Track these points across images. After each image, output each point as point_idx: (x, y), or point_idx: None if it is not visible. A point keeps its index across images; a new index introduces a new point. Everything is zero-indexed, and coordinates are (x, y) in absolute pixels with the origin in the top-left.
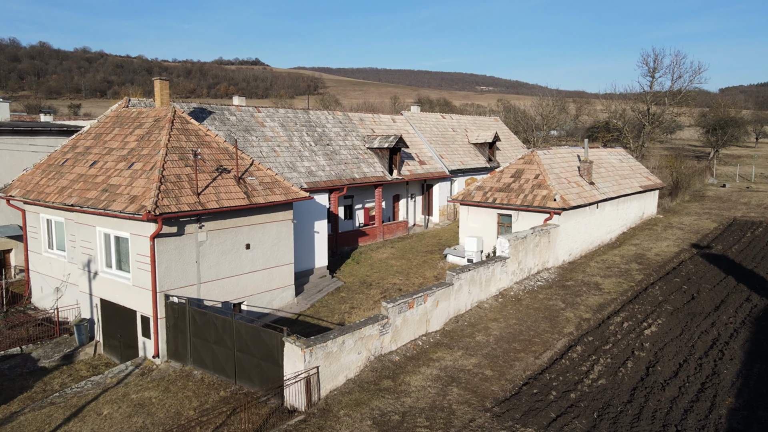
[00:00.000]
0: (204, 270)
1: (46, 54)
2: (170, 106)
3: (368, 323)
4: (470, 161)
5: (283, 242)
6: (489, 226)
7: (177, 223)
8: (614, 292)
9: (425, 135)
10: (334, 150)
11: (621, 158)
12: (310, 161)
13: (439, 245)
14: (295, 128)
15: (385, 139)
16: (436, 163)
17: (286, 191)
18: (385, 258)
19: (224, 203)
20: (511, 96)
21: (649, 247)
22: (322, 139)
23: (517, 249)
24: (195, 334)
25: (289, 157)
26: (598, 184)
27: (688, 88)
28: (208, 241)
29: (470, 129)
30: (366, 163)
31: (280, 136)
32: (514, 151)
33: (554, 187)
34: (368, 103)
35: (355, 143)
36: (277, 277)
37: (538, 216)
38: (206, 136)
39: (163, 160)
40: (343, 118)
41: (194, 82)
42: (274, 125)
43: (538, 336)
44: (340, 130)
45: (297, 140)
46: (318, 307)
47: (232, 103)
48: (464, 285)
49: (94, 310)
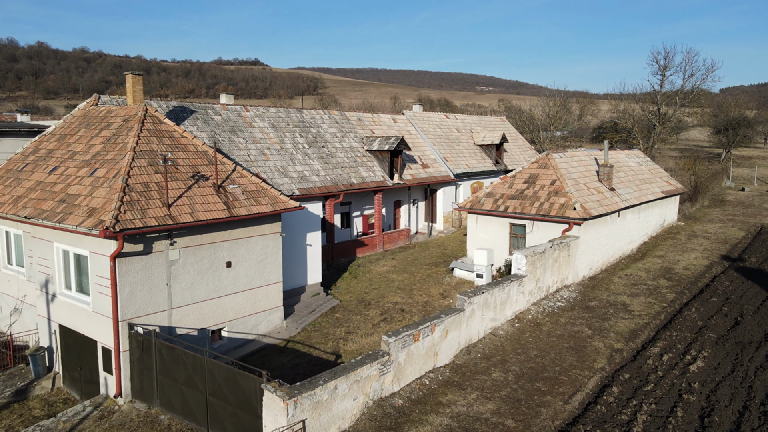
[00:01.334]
0: (176, 293)
1: (44, 54)
2: (143, 104)
3: (366, 362)
4: (476, 164)
5: (270, 258)
6: (500, 237)
7: (143, 240)
8: (645, 315)
9: (428, 136)
10: (329, 153)
11: (639, 161)
12: (304, 165)
13: (444, 256)
14: (288, 129)
15: (386, 140)
16: (440, 166)
17: (274, 201)
18: (385, 271)
19: (200, 216)
20: (512, 96)
21: (675, 260)
22: (317, 140)
23: (534, 266)
24: (162, 372)
25: (280, 161)
26: (618, 190)
27: (700, 87)
28: (181, 260)
29: (475, 130)
30: (365, 166)
31: (271, 137)
32: (522, 153)
33: (573, 194)
34: (368, 103)
35: (352, 145)
36: (263, 298)
37: (556, 227)
38: (182, 138)
39: (129, 167)
40: (340, 117)
41: (193, 82)
42: (264, 126)
43: (565, 372)
44: (337, 131)
45: (289, 142)
46: (310, 331)
47: (218, 102)
48: (477, 310)
49: (52, 337)
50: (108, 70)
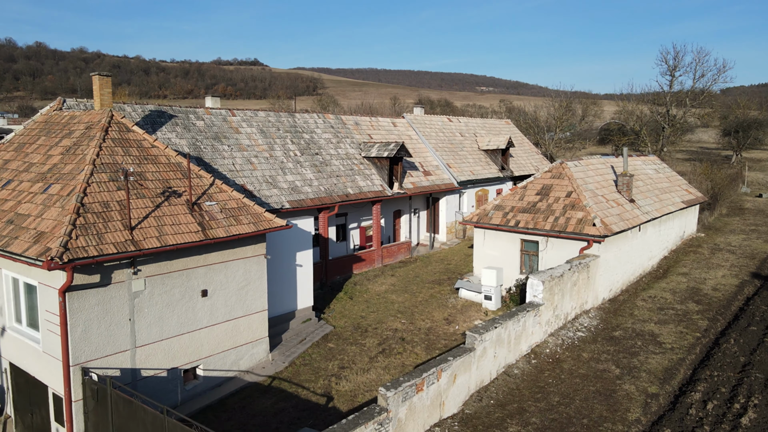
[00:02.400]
0: (142, 329)
1: (43, 54)
2: (111, 108)
3: (360, 423)
4: (481, 170)
5: (253, 285)
6: (510, 254)
7: (100, 269)
8: (679, 348)
9: (430, 141)
10: (324, 160)
11: (656, 168)
12: (295, 174)
13: (447, 272)
14: (278, 134)
15: (385, 146)
16: (443, 173)
17: (257, 219)
18: (384, 291)
19: (169, 239)
20: (513, 96)
21: (702, 278)
22: (310, 147)
23: (552, 291)
24: (120, 428)
25: (268, 170)
26: (638, 201)
27: (712, 87)
28: (147, 291)
29: (480, 133)
30: (362, 175)
31: (259, 144)
32: (528, 157)
33: (591, 207)
34: (367, 104)
35: (349, 151)
36: (246, 329)
37: (573, 244)
38: (153, 148)
39: (86, 182)
40: (336, 122)
41: (192, 82)
42: (252, 131)
43: (595, 427)
44: (332, 137)
45: (279, 149)
46: (299, 365)
47: (204, 105)
48: (489, 348)
49: (3, 376)
50: (106, 70)
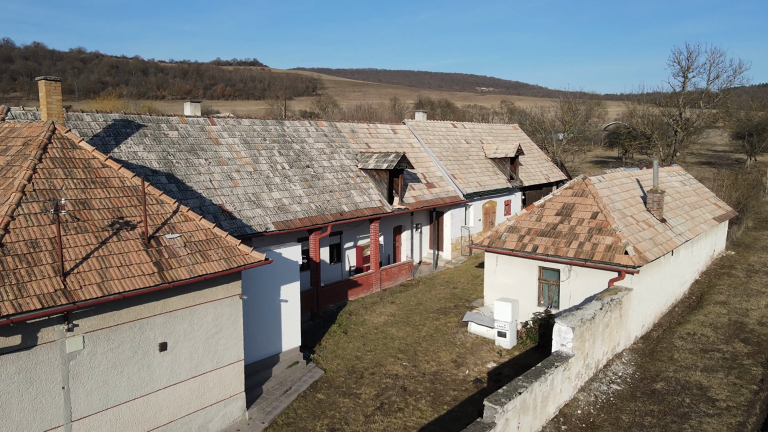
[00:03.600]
0: (80, 398)
1: (40, 54)
2: (54, 121)
3: None
4: (488, 181)
5: (225, 331)
6: (527, 283)
7: (21, 329)
8: (736, 408)
9: (434, 149)
10: (315, 174)
11: (682, 179)
12: (282, 191)
13: (454, 298)
14: (264, 145)
15: (384, 157)
16: (448, 184)
17: (230, 254)
18: (382, 323)
19: (114, 286)
20: (514, 97)
21: (744, 309)
22: (301, 159)
23: (582, 338)
24: None
25: (252, 187)
26: (669, 219)
27: (727, 88)
28: (86, 350)
29: (486, 140)
30: (358, 189)
31: (242, 156)
32: (538, 165)
33: (622, 232)
34: (367, 106)
35: (344, 163)
36: (217, 385)
37: (601, 274)
38: (103, 169)
39: (9, 216)
40: (330, 129)
41: (190, 83)
42: (234, 142)
43: None
44: (325, 146)
45: (265, 162)
46: (281, 425)
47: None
48: (512, 419)
49: None
50: (104, 71)
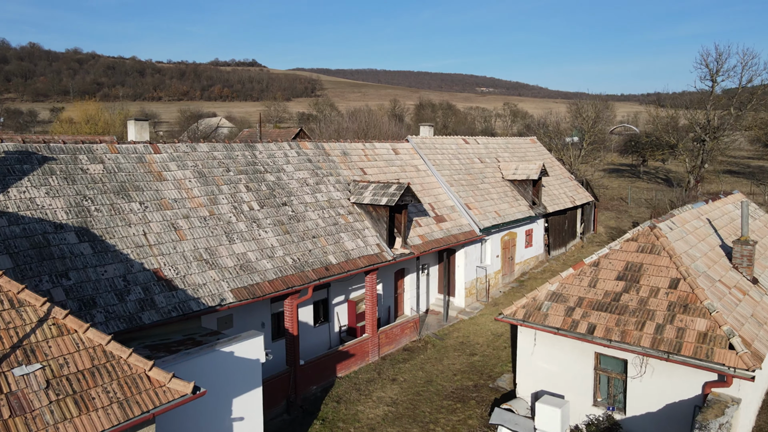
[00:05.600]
0: None
1: (36, 55)
2: None
3: None
4: (508, 209)
5: None
6: (576, 372)
7: None
8: None
9: (443, 172)
10: (295, 213)
11: (752, 213)
12: (248, 241)
13: (473, 371)
14: (227, 178)
15: (383, 189)
16: (461, 216)
17: (130, 391)
18: (380, 420)
19: None
20: (515, 98)
21: None
22: (276, 194)
23: None
24: None
25: (205, 239)
26: (760, 277)
27: (763, 93)
28: None
29: (502, 157)
30: (350, 231)
31: (194, 196)
32: (561, 185)
33: (720, 313)
34: (366, 108)
35: (333, 196)
36: None
37: (692, 374)
38: None
39: None
40: (315, 153)
41: (187, 84)
42: (185, 176)
43: None
44: (309, 175)
45: (227, 201)
46: None
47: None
48: None
49: None
50: (100, 71)
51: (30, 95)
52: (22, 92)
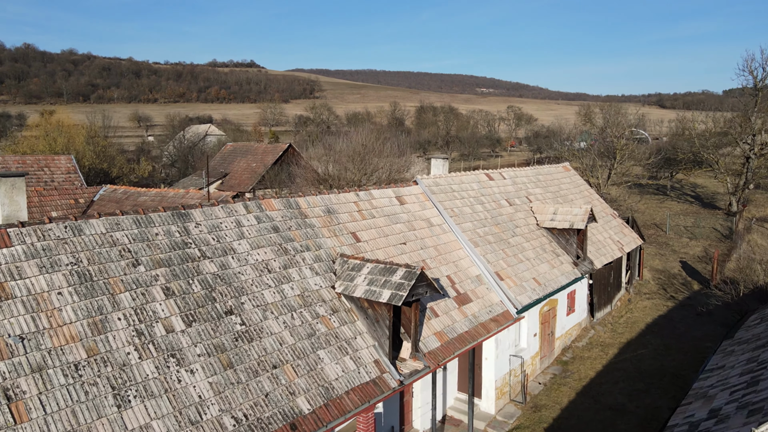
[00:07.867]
0: None
1: (30, 56)
2: None
3: None
4: (548, 272)
5: None
6: None
7: None
8: None
9: (464, 225)
10: (246, 329)
11: None
12: (156, 398)
13: None
14: (130, 279)
15: (384, 275)
16: (490, 291)
17: None
18: None
19: None
20: (515, 99)
21: None
22: (216, 296)
23: None
24: None
25: (71, 412)
26: None
27: None
28: None
29: (534, 193)
30: (334, 345)
31: (64, 322)
32: (604, 226)
33: None
34: (366, 110)
35: (308, 285)
36: None
37: None
38: None
39: None
40: (286, 215)
41: (184, 85)
42: (51, 284)
43: None
44: (273, 255)
45: (125, 325)
46: None
47: None
48: None
49: None
50: (95, 72)
51: (23, 97)
52: (15, 94)
